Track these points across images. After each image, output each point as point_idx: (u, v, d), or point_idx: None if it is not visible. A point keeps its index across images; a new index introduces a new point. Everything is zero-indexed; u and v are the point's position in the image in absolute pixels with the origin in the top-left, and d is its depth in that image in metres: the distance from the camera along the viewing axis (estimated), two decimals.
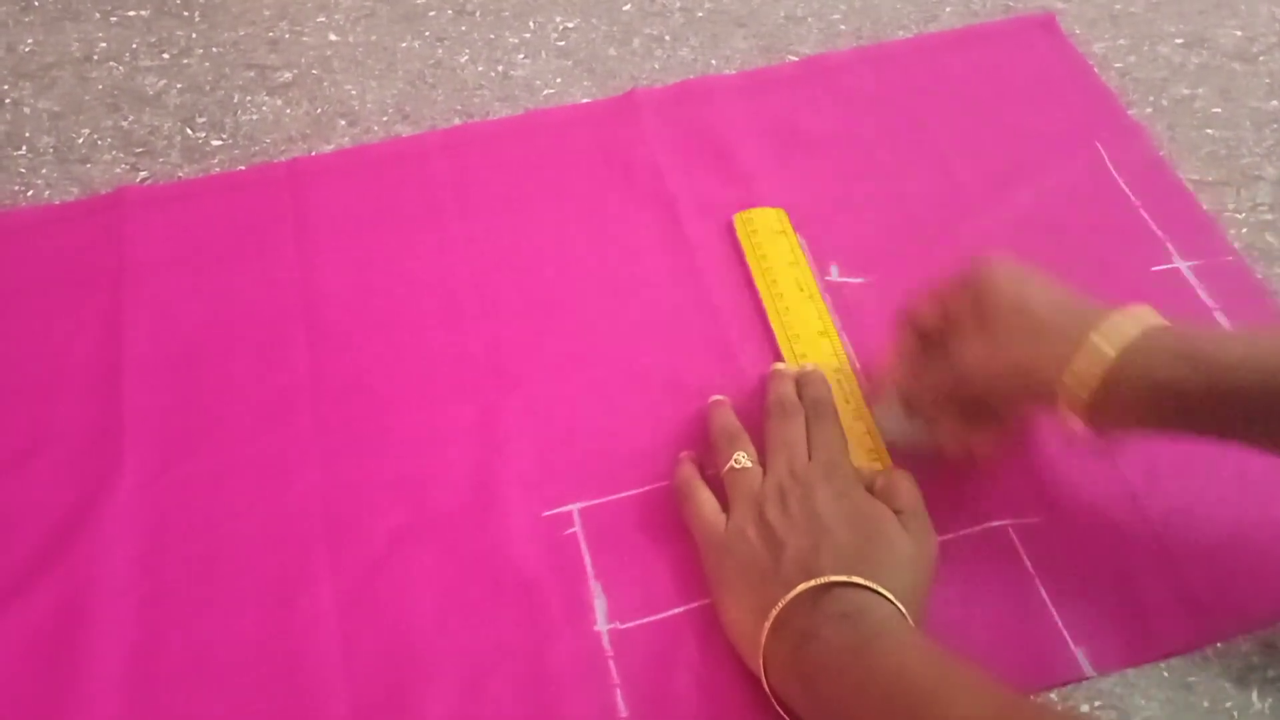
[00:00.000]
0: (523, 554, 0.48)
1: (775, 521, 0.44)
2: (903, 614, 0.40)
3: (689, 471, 0.49)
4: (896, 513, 0.45)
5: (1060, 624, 0.46)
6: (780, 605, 0.40)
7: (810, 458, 0.47)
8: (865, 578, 0.41)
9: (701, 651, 0.45)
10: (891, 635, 0.39)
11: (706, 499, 0.47)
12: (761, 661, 0.41)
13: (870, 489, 0.46)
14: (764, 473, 0.47)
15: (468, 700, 0.44)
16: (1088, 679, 0.45)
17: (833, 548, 0.42)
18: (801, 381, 0.51)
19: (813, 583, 0.40)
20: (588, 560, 0.47)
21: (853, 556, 0.42)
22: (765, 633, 0.41)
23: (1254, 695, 0.44)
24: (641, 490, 0.50)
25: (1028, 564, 0.47)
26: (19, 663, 0.44)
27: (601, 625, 0.46)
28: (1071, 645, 0.45)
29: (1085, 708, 0.44)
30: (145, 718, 0.43)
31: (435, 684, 0.44)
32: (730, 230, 0.59)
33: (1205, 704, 0.44)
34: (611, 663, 0.45)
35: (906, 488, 0.46)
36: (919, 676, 0.37)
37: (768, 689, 0.42)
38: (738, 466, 0.47)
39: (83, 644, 0.45)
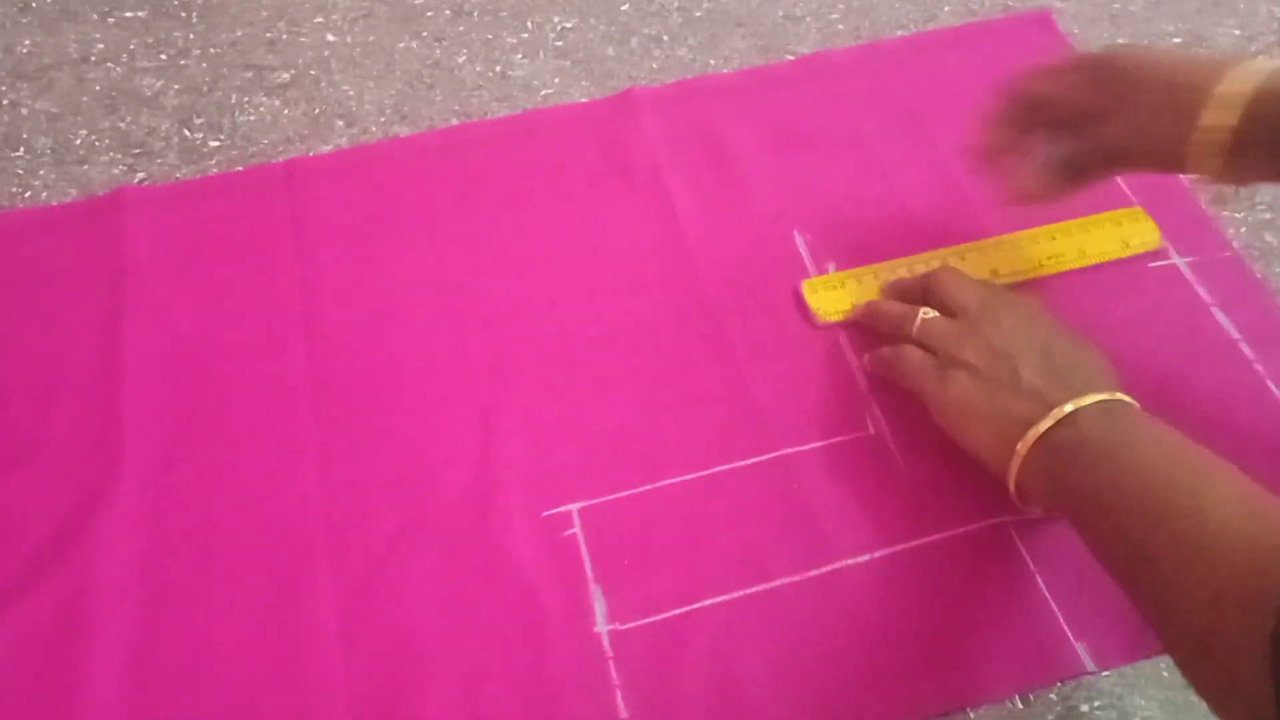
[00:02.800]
0: (522, 554, 0.48)
1: (981, 346, 0.46)
2: (1125, 399, 0.43)
3: (886, 349, 0.51)
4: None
5: (1062, 620, 0.46)
6: (1049, 422, 0.42)
7: (973, 299, 0.49)
8: (1065, 372, 0.44)
9: (702, 652, 0.45)
10: (1149, 431, 0.41)
11: (914, 352, 0.49)
12: (1015, 472, 0.44)
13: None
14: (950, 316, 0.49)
15: (467, 701, 0.44)
16: (1088, 677, 0.45)
17: (1034, 359, 0.45)
18: (920, 281, 0.53)
19: (1085, 401, 0.42)
20: (587, 561, 0.47)
21: (1052, 359, 0.45)
22: (1027, 445, 0.43)
23: None
24: (641, 490, 0.50)
25: (1029, 561, 0.47)
26: (19, 663, 0.44)
27: (601, 626, 0.46)
28: (1073, 641, 0.45)
29: (1085, 708, 0.44)
30: (145, 718, 0.43)
31: (435, 684, 0.44)
32: (727, 228, 0.59)
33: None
34: (611, 664, 0.45)
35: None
36: (1177, 473, 0.39)
37: (1013, 490, 0.44)
38: (927, 317, 0.50)
39: (83, 644, 0.45)
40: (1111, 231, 0.58)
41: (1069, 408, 0.42)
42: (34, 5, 0.71)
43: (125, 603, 0.46)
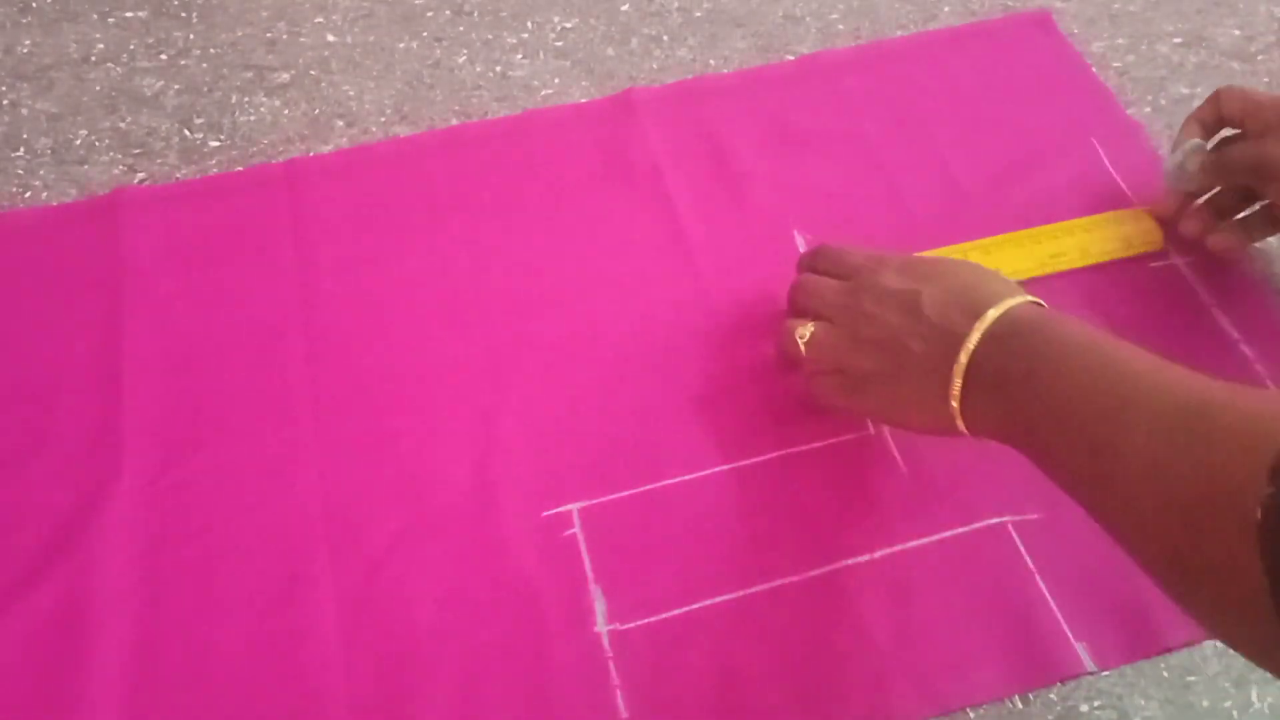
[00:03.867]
0: (522, 554, 0.48)
1: (870, 333, 0.45)
2: (1032, 300, 0.43)
3: (799, 386, 0.51)
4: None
5: (1061, 619, 0.46)
6: (958, 380, 0.42)
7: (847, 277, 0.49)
8: (965, 298, 0.43)
9: (702, 652, 0.45)
10: (1060, 333, 0.40)
11: (816, 379, 0.49)
12: (961, 423, 0.43)
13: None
14: (827, 320, 0.49)
15: (467, 701, 0.44)
16: (1088, 677, 0.45)
17: (929, 303, 0.44)
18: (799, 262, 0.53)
19: (991, 315, 0.42)
20: (587, 561, 0.47)
21: (947, 295, 0.44)
22: (954, 398, 0.42)
23: (1253, 695, 0.44)
24: (641, 490, 0.50)
25: (1028, 560, 0.47)
26: (19, 664, 0.44)
27: (601, 626, 0.46)
28: (1073, 640, 0.45)
29: (1084, 708, 0.44)
30: (146, 717, 0.43)
31: (435, 685, 0.44)
32: (727, 228, 0.59)
33: (1205, 704, 0.44)
34: (611, 664, 0.45)
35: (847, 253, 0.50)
36: (1098, 375, 0.38)
37: (962, 426, 0.43)
38: (804, 338, 0.49)
39: (83, 645, 0.45)
40: (1114, 231, 0.58)
41: (963, 358, 0.42)
42: (34, 5, 0.71)
43: (125, 602, 0.46)
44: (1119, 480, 0.36)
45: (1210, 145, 0.55)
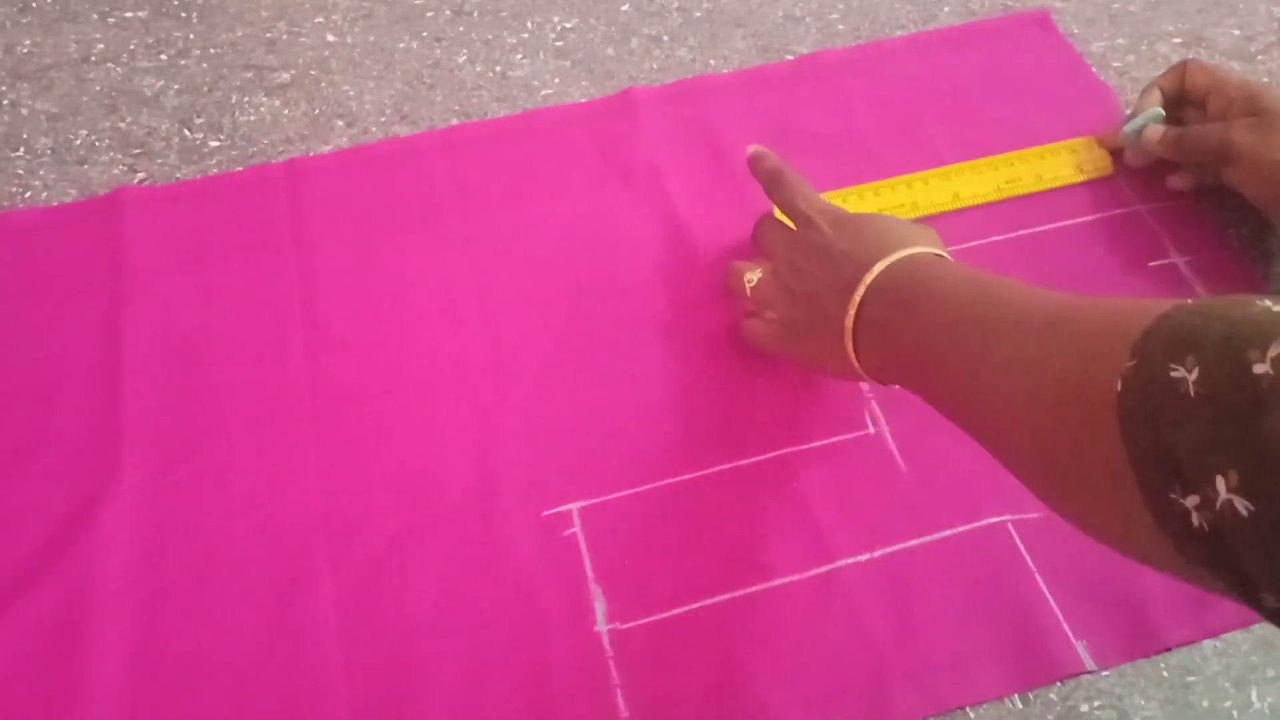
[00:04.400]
0: (522, 554, 0.48)
1: (801, 285, 0.48)
2: (938, 250, 0.45)
3: (739, 322, 0.53)
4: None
5: (1061, 618, 0.46)
6: (850, 314, 0.44)
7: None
8: (877, 236, 0.45)
9: (702, 652, 0.45)
10: (942, 273, 0.42)
11: (751, 323, 0.52)
12: (856, 361, 0.44)
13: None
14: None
15: (467, 700, 0.44)
16: (1088, 676, 0.45)
17: (842, 240, 0.46)
18: (750, 163, 0.55)
19: (876, 269, 0.43)
20: (587, 560, 0.48)
21: (862, 233, 0.46)
22: (848, 336, 0.44)
23: (1253, 695, 0.44)
24: (641, 490, 0.50)
25: (1028, 559, 0.48)
26: (19, 663, 0.44)
27: (602, 625, 0.46)
28: (1073, 639, 0.45)
29: (1085, 707, 0.44)
30: (145, 718, 0.43)
31: (435, 684, 0.44)
32: (728, 228, 0.59)
33: (1205, 703, 0.44)
34: (612, 663, 0.45)
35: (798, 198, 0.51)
36: (968, 310, 0.39)
37: (862, 372, 0.45)
38: (752, 282, 0.51)
39: (83, 645, 0.45)
40: (1066, 158, 0.62)
41: (851, 310, 0.44)
42: (34, 5, 0.71)
43: (125, 603, 0.46)
44: (989, 388, 0.36)
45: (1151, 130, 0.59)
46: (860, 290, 0.43)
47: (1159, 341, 0.28)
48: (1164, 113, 0.58)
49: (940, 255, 0.44)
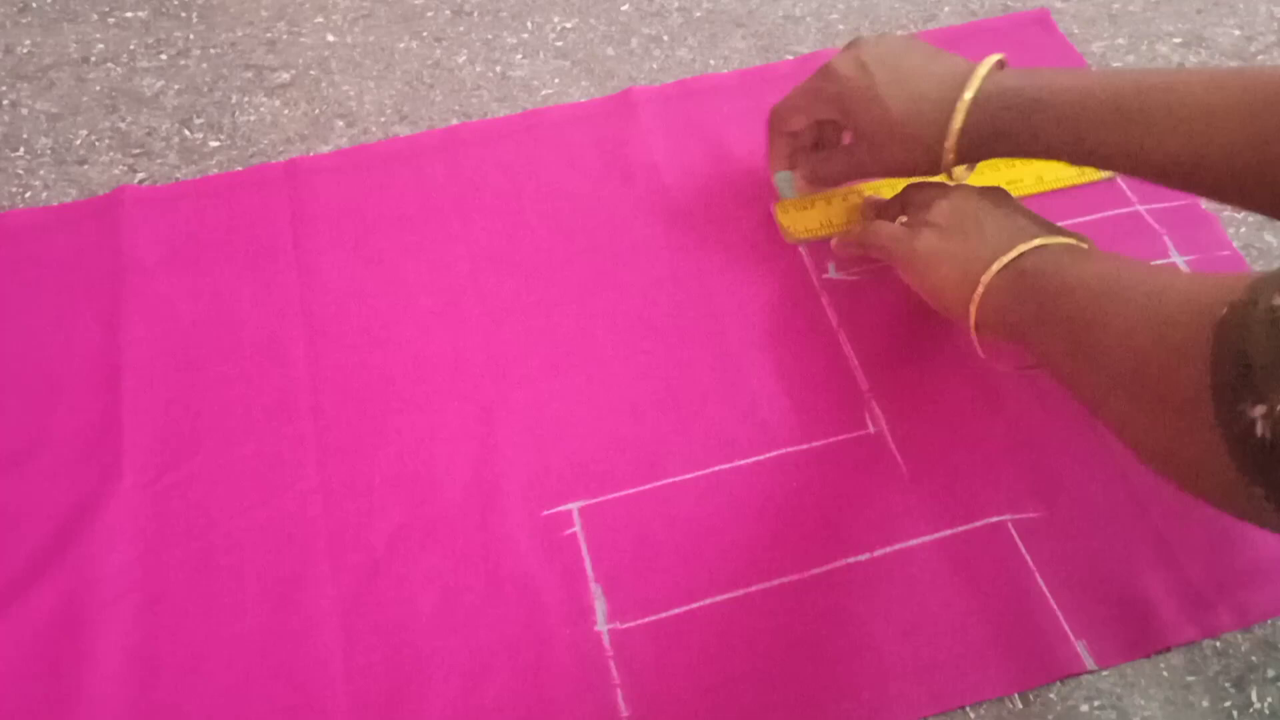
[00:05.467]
0: (523, 554, 0.48)
1: (960, 200, 0.49)
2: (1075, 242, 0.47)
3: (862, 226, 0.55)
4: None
5: (1061, 618, 0.46)
6: (1013, 254, 0.46)
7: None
8: (1020, 221, 0.48)
9: (702, 651, 0.45)
10: (1099, 255, 0.45)
11: (881, 222, 0.53)
12: (977, 303, 0.46)
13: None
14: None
15: (468, 700, 0.44)
16: (1088, 676, 0.45)
17: (990, 214, 0.48)
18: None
19: (1035, 243, 0.46)
20: (588, 560, 0.47)
21: (1008, 214, 0.49)
22: (991, 274, 0.46)
23: (1253, 695, 0.44)
24: (642, 489, 0.50)
25: (1027, 559, 0.47)
26: (19, 663, 0.44)
27: (602, 625, 0.46)
28: (1073, 639, 0.45)
29: (1085, 707, 0.44)
30: (146, 717, 0.43)
31: (435, 684, 0.44)
32: (728, 228, 0.59)
33: (1205, 703, 0.44)
34: (612, 663, 0.45)
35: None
36: (1106, 281, 0.41)
37: (973, 324, 0.47)
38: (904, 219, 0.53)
39: (83, 645, 0.45)
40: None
41: (1036, 243, 0.45)
42: (34, 5, 0.71)
43: (125, 603, 0.46)
44: (1108, 316, 0.39)
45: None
46: (1033, 243, 0.45)
47: (1273, 281, 0.31)
48: (790, 174, 0.58)
49: (1079, 243, 0.46)
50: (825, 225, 0.58)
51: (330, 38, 0.70)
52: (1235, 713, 0.44)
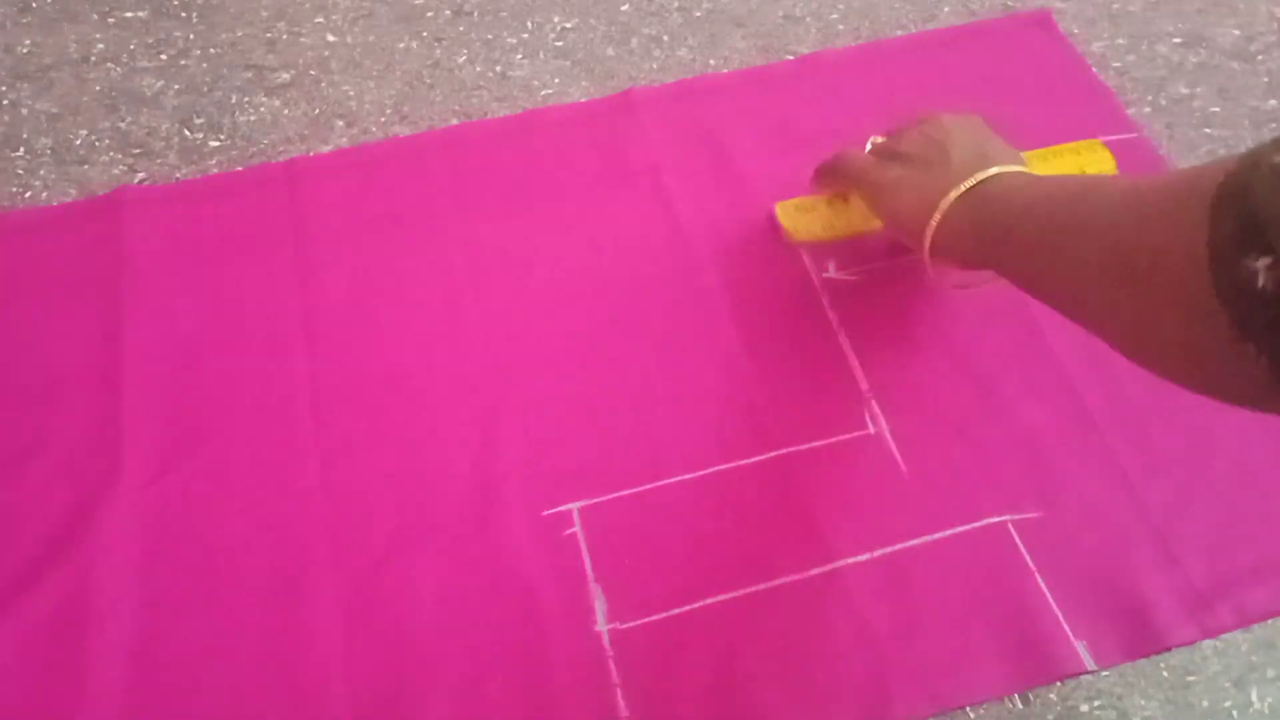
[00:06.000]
0: (523, 554, 0.48)
1: (930, 130, 0.51)
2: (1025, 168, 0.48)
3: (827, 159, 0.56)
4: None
5: (1061, 618, 0.46)
6: (971, 181, 0.47)
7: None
8: (984, 150, 0.49)
9: (702, 652, 0.45)
10: (1038, 183, 0.45)
11: (854, 151, 0.55)
12: (932, 229, 0.47)
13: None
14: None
15: (468, 700, 0.44)
16: (1088, 676, 0.45)
17: (958, 141, 0.50)
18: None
19: (992, 170, 0.47)
20: (588, 560, 0.48)
21: (974, 140, 0.50)
22: (949, 202, 0.47)
23: (1253, 695, 0.44)
24: (641, 490, 0.50)
25: (1027, 559, 0.48)
26: (20, 663, 0.44)
27: (602, 625, 0.46)
28: (1073, 639, 0.45)
29: (1085, 707, 0.44)
30: (146, 717, 0.43)
31: (436, 684, 0.44)
32: (728, 228, 0.59)
33: (1205, 703, 0.44)
34: (612, 663, 0.45)
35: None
36: (1061, 203, 0.41)
37: (927, 250, 0.48)
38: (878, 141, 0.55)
39: (83, 645, 0.45)
40: (1071, 160, 0.60)
41: (993, 170, 0.47)
42: (34, 5, 0.71)
43: (126, 603, 0.46)
44: (1083, 214, 0.39)
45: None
46: (993, 170, 0.47)
47: (1271, 146, 0.31)
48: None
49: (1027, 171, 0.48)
50: (828, 229, 0.58)
51: (330, 38, 0.70)
52: (1235, 713, 0.44)
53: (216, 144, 0.63)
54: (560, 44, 0.70)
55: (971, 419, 0.52)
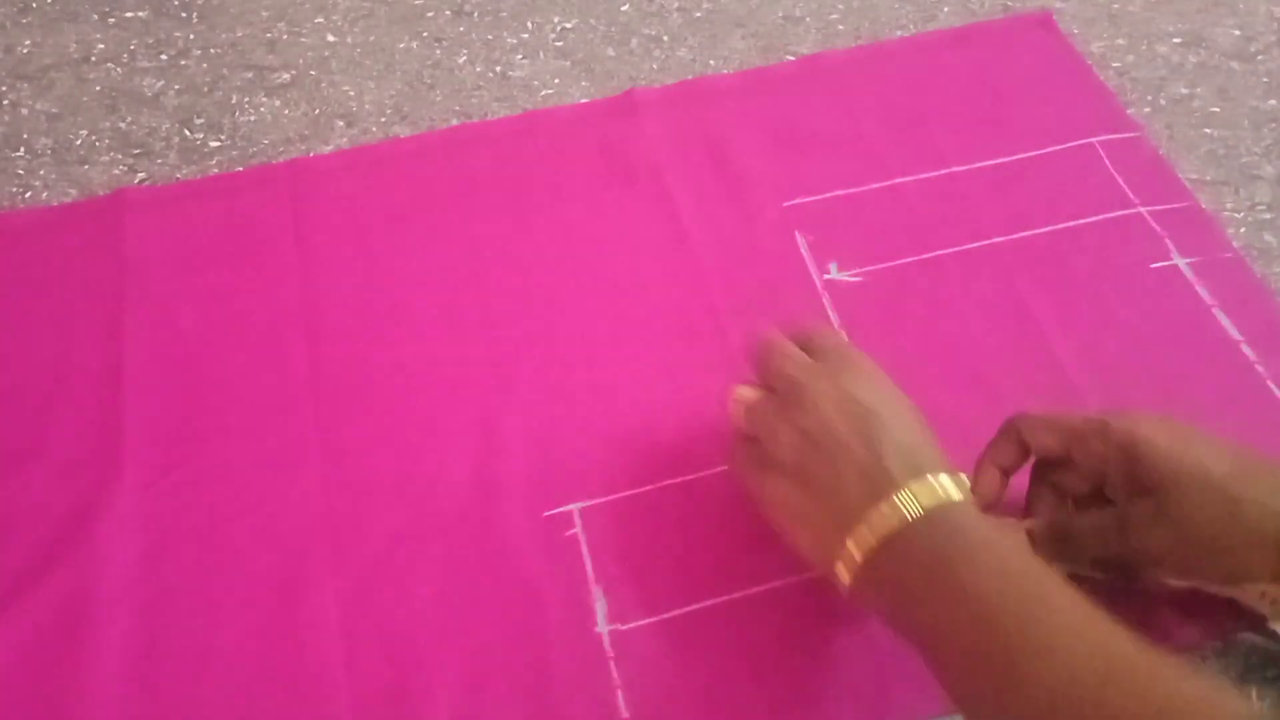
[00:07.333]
0: (523, 555, 0.47)
1: (803, 426, 0.41)
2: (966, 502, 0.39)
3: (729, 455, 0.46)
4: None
5: None
6: (871, 539, 0.38)
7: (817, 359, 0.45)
8: (920, 460, 0.39)
9: (702, 652, 0.45)
10: (980, 549, 0.37)
11: (737, 444, 0.45)
12: (847, 575, 0.39)
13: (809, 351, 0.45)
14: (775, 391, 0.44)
15: (468, 701, 0.44)
16: None
17: (871, 431, 0.40)
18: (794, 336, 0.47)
19: (904, 499, 0.38)
20: (588, 561, 0.47)
21: (890, 433, 0.40)
22: (856, 555, 0.39)
23: (1253, 695, 0.44)
24: (642, 490, 0.50)
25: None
26: (20, 663, 0.44)
27: (602, 626, 0.46)
28: None
29: None
30: (146, 718, 0.43)
31: (436, 685, 0.44)
32: (729, 229, 0.59)
33: None
34: (612, 664, 0.45)
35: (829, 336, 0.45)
36: (1015, 605, 0.35)
37: (846, 592, 0.40)
38: (745, 396, 0.44)
39: (84, 645, 0.45)
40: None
41: (886, 509, 0.38)
42: (34, 5, 0.71)
43: (126, 603, 0.46)
44: (1020, 708, 0.34)
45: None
46: (908, 498, 0.38)
47: None
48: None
49: (960, 501, 0.39)
50: None
51: (330, 38, 0.70)
52: None
53: (217, 144, 0.63)
54: (560, 44, 0.70)
55: (972, 419, 0.52)
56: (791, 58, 0.69)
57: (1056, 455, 0.44)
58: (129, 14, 0.71)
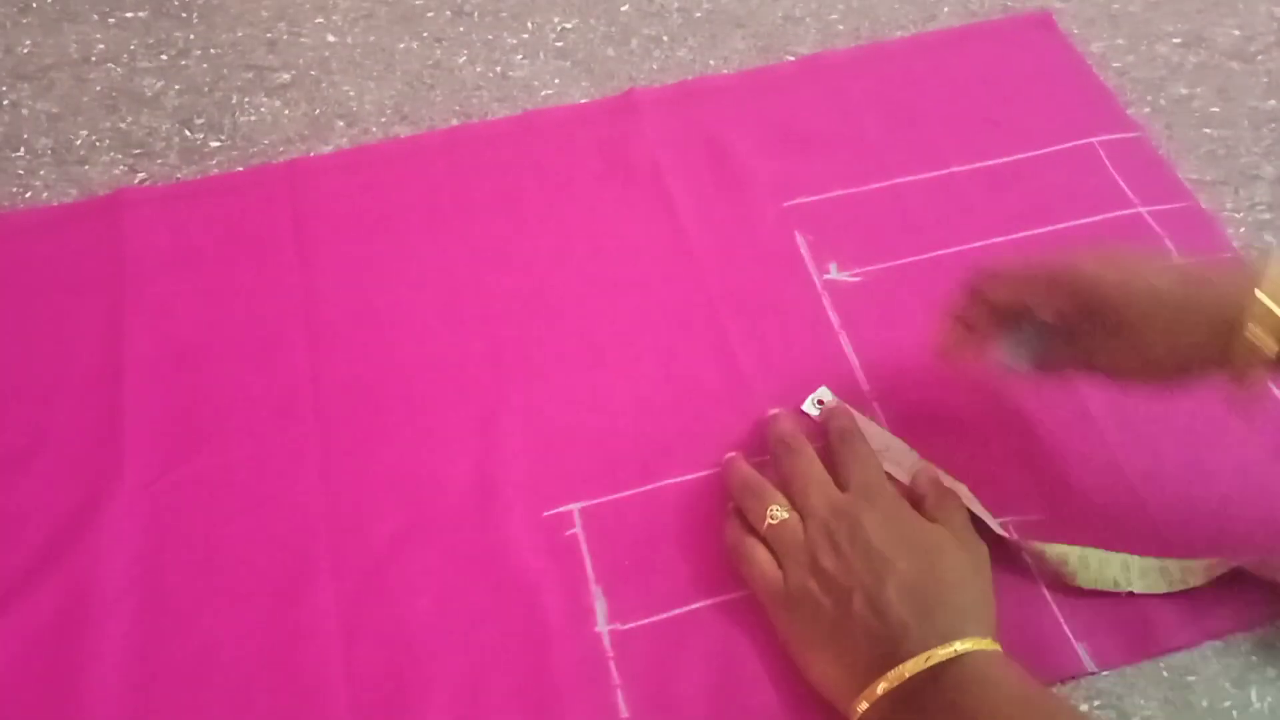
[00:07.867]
0: (523, 554, 0.48)
1: (832, 568, 0.42)
2: (989, 648, 0.40)
3: (737, 532, 0.47)
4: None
5: (1062, 620, 0.46)
6: (878, 687, 0.39)
7: (846, 487, 0.46)
8: (934, 604, 0.41)
9: (702, 652, 0.45)
10: (988, 690, 0.38)
11: (762, 557, 0.45)
12: (866, 704, 0.40)
13: (917, 506, 0.46)
14: (801, 518, 0.45)
15: (468, 701, 0.44)
16: (1088, 677, 0.45)
17: (898, 584, 0.41)
18: (825, 415, 0.51)
19: (940, 654, 0.39)
20: (588, 561, 0.47)
21: (920, 587, 0.41)
22: (867, 698, 0.39)
23: (1253, 694, 0.44)
24: (642, 490, 0.50)
25: (1029, 561, 0.47)
26: (20, 663, 0.44)
27: (602, 626, 0.46)
28: (1073, 641, 0.45)
29: (1084, 707, 0.44)
30: (146, 718, 0.43)
31: (436, 685, 0.44)
32: (729, 229, 0.59)
33: (1204, 703, 0.44)
34: (612, 664, 0.45)
35: (954, 503, 0.46)
36: None
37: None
38: (774, 521, 0.45)
39: (84, 645, 0.45)
40: None
41: (914, 664, 0.39)
42: (34, 5, 0.71)
43: (126, 603, 0.46)
44: None
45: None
46: (917, 662, 0.39)
47: None
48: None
49: (996, 651, 0.40)
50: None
51: (330, 38, 0.70)
52: (1235, 713, 0.44)
53: (217, 144, 0.63)
54: (560, 44, 0.70)
55: (972, 420, 0.52)
56: (791, 58, 0.69)
57: (1017, 305, 0.47)
58: (129, 14, 0.71)
